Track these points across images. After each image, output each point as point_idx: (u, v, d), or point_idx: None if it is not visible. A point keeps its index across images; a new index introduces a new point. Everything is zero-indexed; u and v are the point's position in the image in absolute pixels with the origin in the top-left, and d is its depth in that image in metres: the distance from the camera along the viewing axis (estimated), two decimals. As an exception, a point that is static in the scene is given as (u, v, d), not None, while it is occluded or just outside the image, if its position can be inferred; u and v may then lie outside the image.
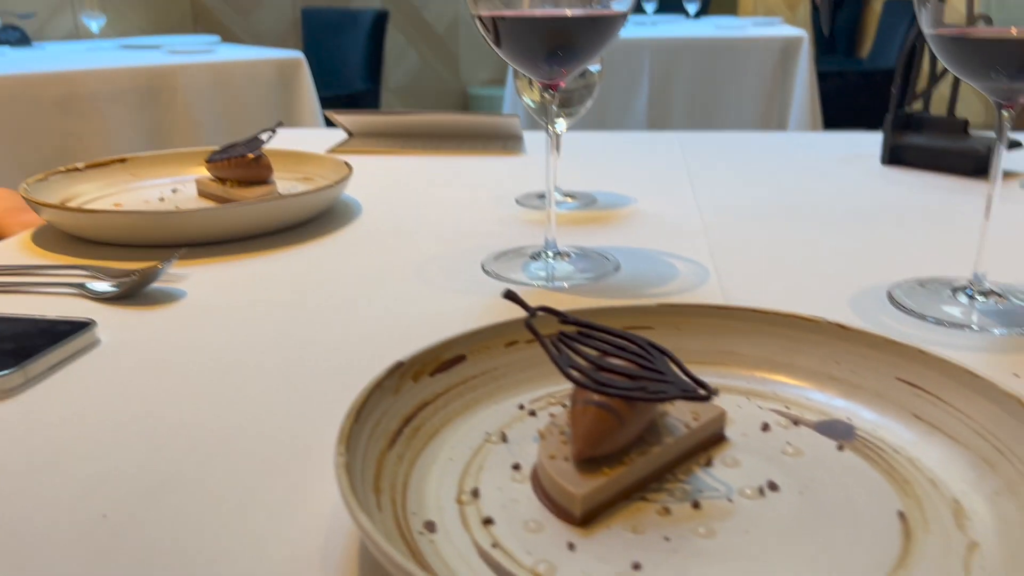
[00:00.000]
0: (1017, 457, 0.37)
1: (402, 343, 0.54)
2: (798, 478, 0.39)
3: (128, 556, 0.36)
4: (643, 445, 0.38)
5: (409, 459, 0.39)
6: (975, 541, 0.34)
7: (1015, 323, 0.57)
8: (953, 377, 0.41)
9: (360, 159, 1.14)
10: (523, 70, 0.65)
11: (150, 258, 0.73)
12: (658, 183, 0.99)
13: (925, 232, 0.79)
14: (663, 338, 0.49)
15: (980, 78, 0.55)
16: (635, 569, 0.33)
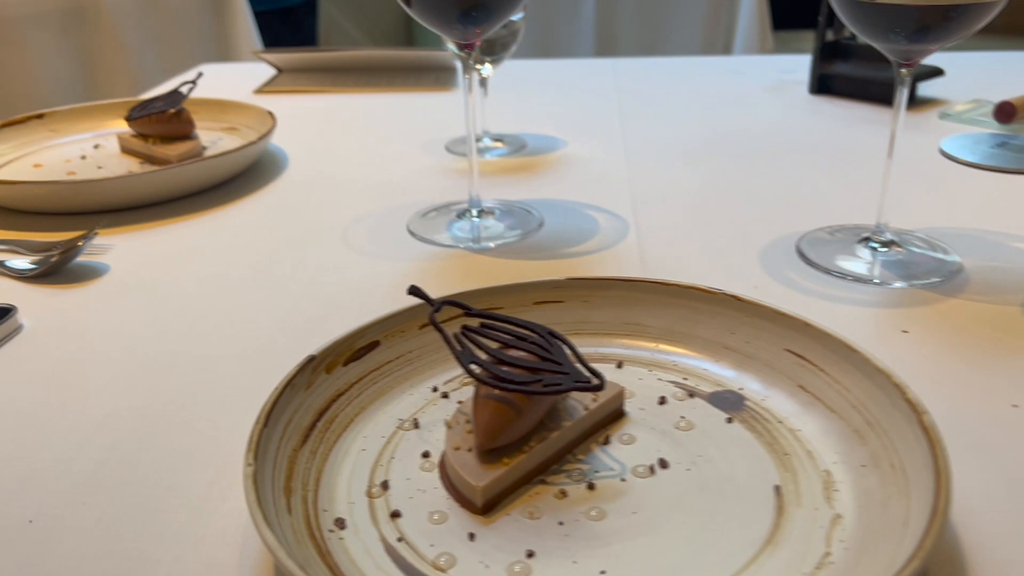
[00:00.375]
0: (883, 430, 0.40)
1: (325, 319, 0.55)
2: (687, 453, 0.42)
3: (55, 562, 0.38)
4: (543, 431, 0.41)
5: (322, 454, 0.41)
6: (839, 514, 0.37)
7: (913, 275, 0.60)
8: (834, 350, 0.44)
9: (288, 100, 1.13)
10: (436, 30, 0.64)
11: (71, 225, 0.73)
12: (589, 121, 1.00)
13: (843, 172, 0.81)
14: (573, 311, 0.51)
15: (880, 40, 0.56)
16: (529, 557, 0.36)
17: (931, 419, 0.37)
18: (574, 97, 1.11)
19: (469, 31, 0.64)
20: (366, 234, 0.70)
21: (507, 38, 0.86)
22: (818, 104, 1.03)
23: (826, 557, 0.35)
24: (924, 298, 0.57)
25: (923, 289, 0.58)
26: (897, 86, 0.59)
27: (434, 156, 0.90)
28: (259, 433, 0.38)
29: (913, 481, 0.36)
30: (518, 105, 1.07)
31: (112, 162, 0.87)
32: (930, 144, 0.87)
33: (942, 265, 0.61)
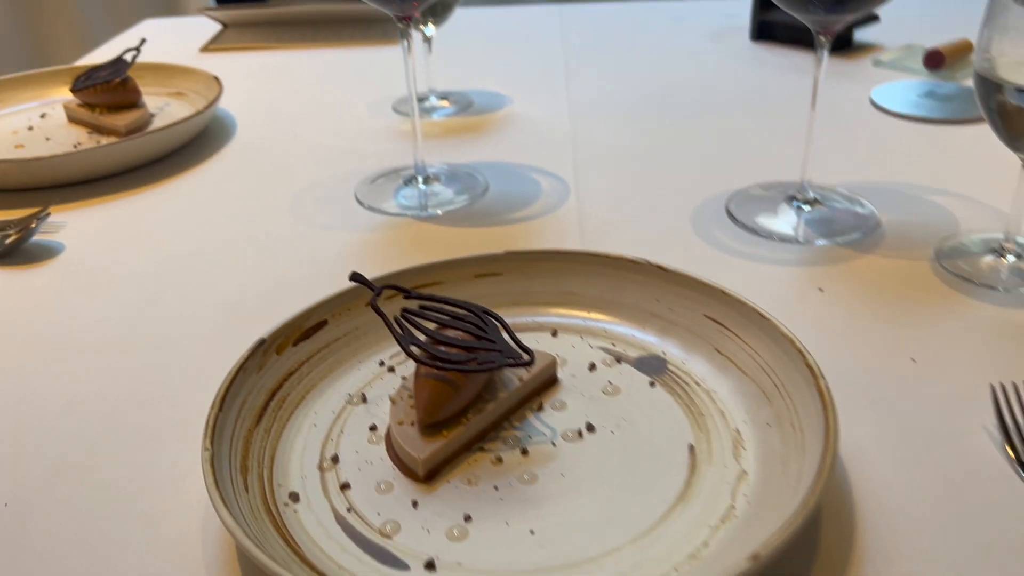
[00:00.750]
0: (787, 392, 0.44)
1: (276, 294, 0.58)
2: (612, 417, 0.45)
3: (31, 542, 0.41)
4: (480, 403, 0.44)
5: (276, 432, 0.45)
6: (744, 470, 0.42)
7: (834, 232, 0.64)
8: (747, 316, 0.48)
9: (234, 58, 1.12)
10: (375, 3, 0.66)
11: (21, 201, 0.74)
12: (535, 75, 1.01)
13: (778, 125, 0.84)
14: (511, 283, 0.54)
15: (799, 10, 0.59)
16: (466, 521, 0.40)
17: (826, 383, 0.41)
18: (521, 49, 1.12)
19: (407, 5, 0.65)
20: (314, 204, 0.72)
21: (449, 1, 0.87)
22: (758, 52, 1.06)
23: (731, 510, 0.39)
24: (842, 255, 0.61)
25: (842, 246, 0.62)
26: (817, 49, 0.62)
27: (382, 117, 0.91)
28: (215, 418, 0.41)
29: (808, 440, 0.40)
30: (464, 59, 1.08)
31: (60, 132, 0.88)
32: (862, 93, 0.90)
33: (862, 221, 0.65)
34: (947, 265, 0.59)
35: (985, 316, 0.54)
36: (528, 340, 0.51)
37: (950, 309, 0.55)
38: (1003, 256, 0.59)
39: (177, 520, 0.41)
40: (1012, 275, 0.58)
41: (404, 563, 0.38)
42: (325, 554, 0.38)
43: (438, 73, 0.97)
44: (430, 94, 0.94)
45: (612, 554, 0.38)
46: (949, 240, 0.62)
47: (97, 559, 0.40)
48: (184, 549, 0.40)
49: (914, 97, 0.87)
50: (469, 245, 0.65)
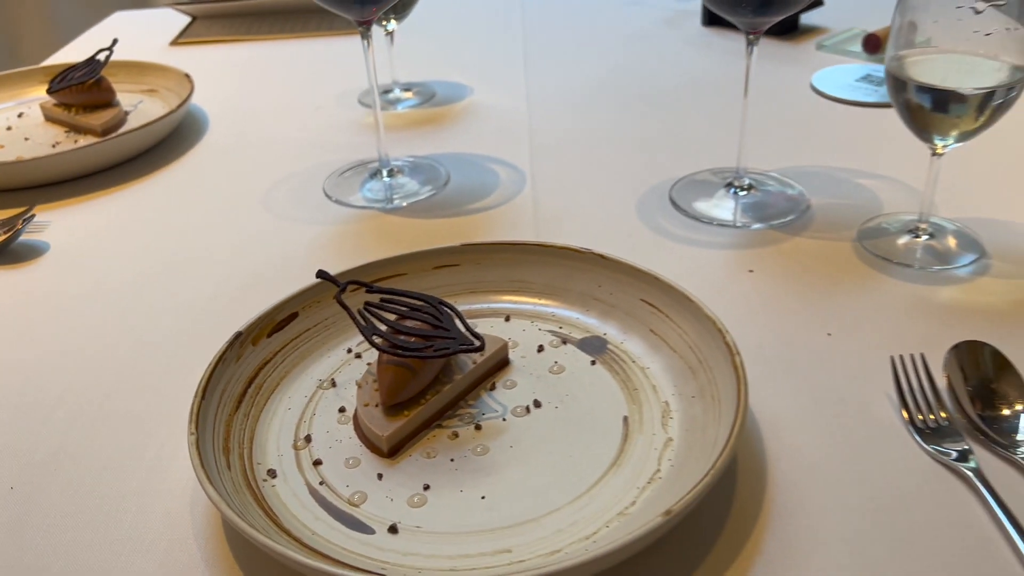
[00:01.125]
0: (709, 367, 0.49)
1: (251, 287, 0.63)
2: (557, 393, 0.51)
3: (37, 520, 0.46)
4: (438, 384, 0.49)
5: (254, 415, 0.50)
6: (671, 437, 0.47)
7: (767, 216, 0.69)
8: (677, 299, 0.53)
9: (205, 52, 1.16)
10: (335, 9, 0.69)
11: (6, 201, 0.78)
12: (495, 63, 1.05)
13: (725, 111, 0.89)
14: (468, 272, 0.59)
15: (728, 12, 0.63)
16: (425, 489, 0.45)
17: (740, 359, 0.47)
18: (483, 37, 1.16)
19: (366, 9, 0.69)
20: (285, 198, 0.77)
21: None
22: (709, 37, 1.10)
23: (656, 474, 0.45)
24: (773, 238, 0.67)
25: (774, 229, 0.68)
26: (747, 46, 0.67)
27: (349, 109, 0.95)
28: (198, 405, 0.46)
29: (724, 410, 0.46)
30: (429, 48, 1.12)
31: (37, 132, 0.91)
32: (804, 77, 0.95)
33: (793, 205, 0.70)
34: (868, 245, 0.64)
35: (899, 293, 0.59)
36: (483, 325, 0.56)
37: (866, 287, 0.60)
38: (918, 236, 0.64)
39: (167, 497, 0.46)
40: (926, 254, 0.63)
41: (370, 528, 0.43)
42: (300, 522, 0.43)
43: (403, 63, 1.01)
44: (394, 86, 0.98)
45: (552, 514, 0.43)
46: (871, 221, 0.67)
47: (95, 533, 0.45)
48: (174, 522, 0.45)
49: (852, 81, 0.92)
50: (431, 236, 0.70)
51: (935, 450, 0.46)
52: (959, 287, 0.59)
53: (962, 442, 0.46)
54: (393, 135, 0.88)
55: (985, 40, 0.54)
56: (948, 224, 0.66)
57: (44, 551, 0.44)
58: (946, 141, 0.58)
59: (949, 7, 0.54)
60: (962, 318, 0.56)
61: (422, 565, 0.41)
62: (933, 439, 0.47)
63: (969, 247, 0.63)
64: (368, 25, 0.71)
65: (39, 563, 0.43)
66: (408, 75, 1.01)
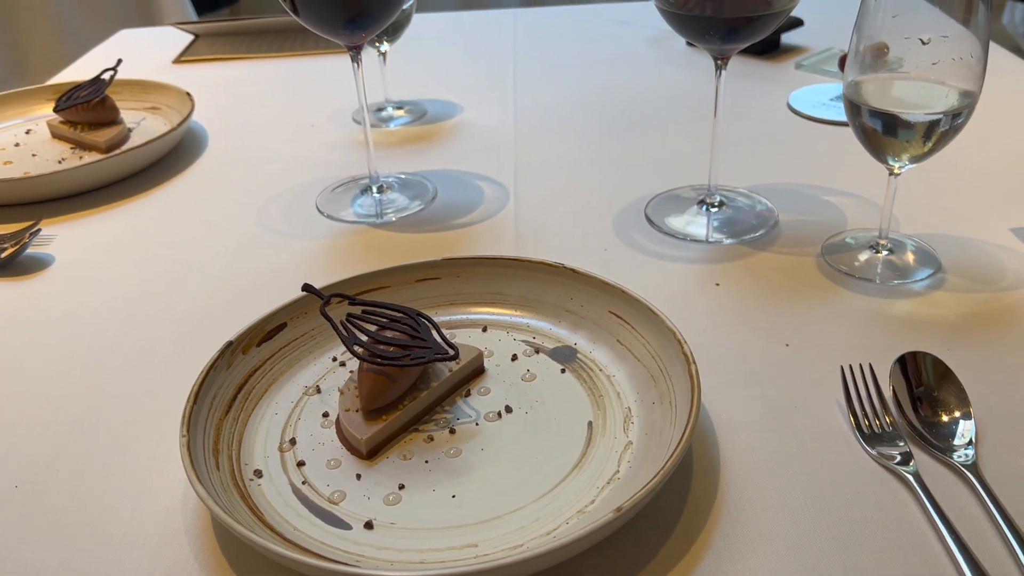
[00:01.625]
0: (669, 375, 0.52)
1: (244, 298, 0.66)
2: (528, 400, 0.54)
3: (39, 516, 0.49)
4: (415, 391, 0.53)
5: (243, 419, 0.53)
6: (631, 440, 0.50)
7: (736, 232, 0.72)
8: (641, 311, 0.56)
9: (206, 70, 1.20)
10: (325, 35, 0.73)
11: (14, 215, 0.81)
12: (484, 82, 1.09)
13: (704, 130, 0.93)
14: (448, 285, 0.62)
15: (696, 39, 0.67)
16: (400, 489, 0.48)
17: (696, 368, 0.50)
18: (474, 55, 1.20)
19: (355, 35, 0.73)
20: (278, 213, 0.80)
21: (402, 20, 0.94)
22: (692, 57, 1.14)
23: (615, 475, 0.48)
24: (741, 252, 0.70)
25: (743, 244, 0.71)
26: (717, 71, 0.70)
27: (342, 127, 0.99)
28: (189, 410, 0.49)
29: (679, 415, 0.49)
30: (421, 65, 1.16)
31: (45, 148, 0.95)
32: (782, 96, 0.99)
33: (762, 221, 0.74)
34: (830, 260, 0.68)
35: (857, 306, 0.63)
36: (461, 335, 0.60)
37: (827, 300, 0.64)
38: (879, 252, 0.68)
39: (160, 495, 0.50)
40: (885, 269, 0.66)
41: (348, 524, 0.46)
42: (283, 519, 0.47)
43: (396, 81, 1.05)
44: (387, 104, 1.02)
45: (517, 512, 0.46)
46: (835, 237, 0.71)
47: (94, 528, 0.48)
48: (167, 519, 0.48)
49: (826, 100, 0.96)
50: (417, 250, 0.73)
51: (878, 453, 0.49)
52: (914, 300, 0.63)
53: (904, 446, 0.49)
54: (385, 152, 0.92)
55: (934, 68, 0.58)
56: (907, 240, 0.69)
57: (44, 545, 0.47)
58: (900, 163, 0.61)
59: (899, 36, 0.57)
60: (914, 330, 0.60)
61: (394, 558, 0.44)
62: (876, 443, 0.50)
63: (926, 262, 0.67)
64: (358, 49, 0.75)
65: (39, 556, 0.47)
66: (400, 93, 1.05)
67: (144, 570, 0.45)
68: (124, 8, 2.22)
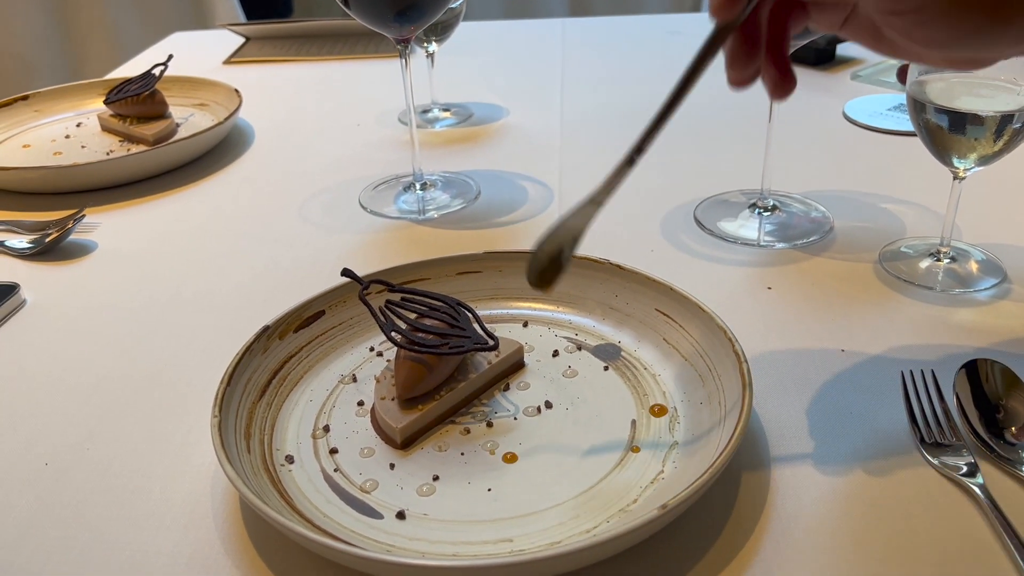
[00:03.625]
0: (718, 375, 0.50)
1: (283, 288, 0.65)
2: (569, 396, 0.52)
3: (68, 495, 0.48)
4: (453, 382, 0.51)
5: (276, 405, 0.52)
6: (676, 441, 0.48)
7: (789, 236, 0.70)
8: (689, 309, 0.54)
9: (255, 70, 1.20)
10: (373, 28, 0.73)
11: (61, 203, 0.82)
12: (532, 89, 1.08)
13: (752, 137, 0.90)
14: (489, 279, 0.61)
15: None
16: (435, 480, 0.47)
17: (747, 367, 0.48)
18: (522, 62, 1.19)
19: (404, 28, 0.72)
20: (321, 208, 0.80)
21: (450, 20, 0.94)
22: (745, 66, 1.11)
23: (659, 475, 0.46)
24: (794, 257, 0.67)
25: (796, 249, 0.68)
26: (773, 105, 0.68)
27: (388, 127, 0.98)
28: (223, 391, 0.48)
29: (729, 416, 0.46)
30: (469, 71, 1.15)
31: (94, 140, 0.96)
32: (837, 106, 0.96)
33: (816, 226, 0.71)
34: (888, 267, 0.65)
35: (916, 313, 0.60)
36: (501, 330, 0.58)
37: (884, 307, 0.61)
38: (940, 259, 0.65)
39: (190, 480, 0.49)
40: (947, 277, 0.63)
41: (379, 513, 0.45)
42: (313, 505, 0.45)
43: (443, 85, 1.04)
44: (433, 106, 1.01)
45: (555, 508, 0.44)
46: (893, 244, 0.68)
47: (121, 509, 0.47)
48: (195, 503, 0.47)
49: (884, 110, 0.93)
50: (458, 245, 0.72)
51: (940, 464, 0.46)
52: (977, 309, 0.60)
53: (969, 457, 0.46)
54: (429, 152, 0.91)
55: (1005, 66, 0.55)
56: (970, 248, 0.66)
57: (72, 524, 0.46)
58: (966, 164, 0.59)
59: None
60: (978, 338, 0.56)
61: (426, 550, 0.42)
62: (939, 453, 0.47)
63: (991, 271, 0.63)
64: (406, 43, 0.74)
65: (67, 535, 0.46)
66: (447, 96, 1.04)
67: (169, 553, 0.44)
68: (179, 17, 2.26)
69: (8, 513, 0.47)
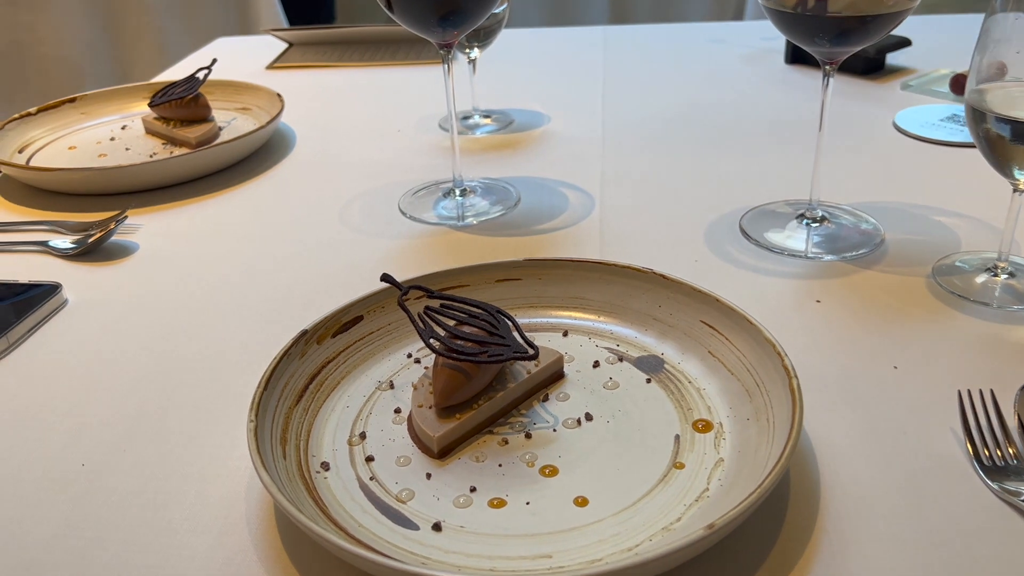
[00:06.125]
0: (766, 390, 0.48)
1: (321, 293, 0.65)
2: (610, 408, 0.51)
3: (103, 496, 0.48)
4: (491, 391, 0.50)
5: (313, 410, 0.51)
6: (722, 458, 0.46)
7: (838, 248, 0.68)
8: (737, 322, 0.52)
9: (298, 75, 1.21)
10: (418, 32, 0.72)
11: (104, 204, 0.82)
12: (573, 95, 1.07)
13: (802, 146, 0.88)
14: (528, 287, 0.60)
15: (806, 42, 0.63)
16: (472, 491, 0.45)
17: (798, 383, 0.46)
18: (563, 69, 1.18)
19: (448, 33, 0.71)
20: (361, 213, 0.79)
21: (493, 26, 0.93)
22: (791, 75, 1.10)
23: (704, 492, 0.44)
24: (843, 270, 0.65)
25: (844, 261, 0.66)
26: (823, 77, 0.66)
27: (428, 133, 0.98)
28: (260, 396, 0.48)
29: (777, 432, 0.45)
30: (510, 78, 1.14)
31: (138, 143, 0.97)
32: (887, 116, 0.94)
33: (866, 239, 0.69)
34: (942, 281, 0.63)
35: (972, 330, 0.58)
36: (540, 339, 0.57)
37: (938, 322, 0.58)
38: (997, 275, 0.62)
39: (225, 484, 0.48)
40: (1004, 293, 0.61)
41: (415, 524, 0.44)
42: (348, 514, 0.44)
43: (484, 92, 1.03)
44: (474, 112, 1.01)
45: (595, 524, 0.43)
46: (947, 258, 0.65)
47: (156, 511, 0.46)
48: (230, 508, 0.46)
49: (936, 121, 0.90)
50: (497, 252, 0.71)
51: (1001, 489, 0.44)
52: (1038, 328, 0.57)
53: (1031, 482, 0.44)
54: (469, 158, 0.90)
55: (1071, 74, 0.53)
56: (1030, 264, 0.63)
57: (105, 525, 0.46)
58: (1028, 176, 0.56)
59: None
60: (1039, 359, 0.54)
61: (462, 563, 0.41)
62: (1000, 477, 0.45)
63: (1052, 288, 0.61)
64: (449, 48, 0.73)
65: (99, 536, 0.45)
66: (488, 102, 1.04)
67: (203, 558, 0.43)
68: (224, 23, 2.29)
69: (43, 513, 0.47)
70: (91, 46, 2.35)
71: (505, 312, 0.51)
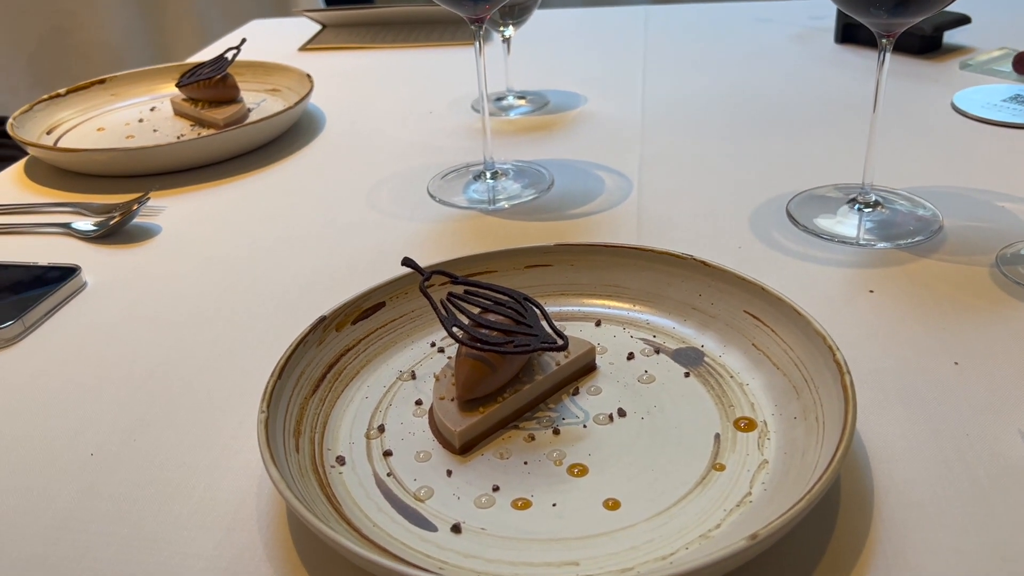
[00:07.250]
0: (815, 386, 0.45)
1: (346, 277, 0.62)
2: (645, 404, 0.47)
3: (111, 487, 0.46)
4: (517, 383, 0.47)
5: (330, 401, 0.48)
6: (766, 460, 0.43)
7: (892, 235, 0.63)
8: (784, 312, 0.49)
9: (330, 57, 1.18)
10: (449, 7, 0.69)
11: (130, 186, 0.81)
12: (612, 75, 1.03)
13: (855, 128, 0.83)
14: (560, 274, 0.57)
15: (860, 13, 0.59)
16: (494, 490, 0.42)
17: (851, 379, 0.42)
18: (602, 49, 1.14)
19: (479, 6, 0.68)
20: (389, 195, 0.77)
21: (527, 3, 0.90)
22: (842, 54, 1.04)
23: (746, 497, 0.41)
24: (899, 258, 0.61)
25: (900, 250, 0.62)
26: (880, 52, 0.62)
27: (460, 115, 0.95)
28: (273, 385, 0.45)
29: (828, 433, 0.41)
30: (546, 58, 1.11)
31: (166, 124, 0.95)
32: (945, 96, 0.88)
33: (923, 225, 0.64)
34: (1007, 271, 0.58)
35: (1041, 324, 0.53)
36: (572, 329, 0.54)
37: (1003, 315, 0.54)
38: (1068, 264, 0.58)
39: (236, 477, 0.46)
40: (1076, 284, 0.56)
41: (433, 525, 0.41)
42: (363, 512, 0.42)
43: (519, 72, 1.00)
44: (508, 93, 0.97)
45: (627, 529, 0.40)
46: (1012, 246, 0.61)
47: (164, 505, 0.44)
48: (240, 503, 0.44)
49: (998, 101, 0.85)
50: (528, 237, 0.67)
51: (1077, 499, 0.40)
52: (1115, 322, 0.53)
53: (1111, 493, 0.40)
54: (502, 140, 0.87)
55: None
56: (1105, 253, 0.59)
57: (113, 518, 0.44)
58: (1107, 157, 0.52)
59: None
60: (1117, 356, 0.50)
61: (482, 569, 0.38)
62: (1075, 487, 0.41)
63: None
64: (480, 23, 0.70)
65: (106, 529, 0.43)
66: (522, 83, 1.00)
67: (209, 555, 0.41)
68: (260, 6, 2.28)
69: (49, 504, 0.45)
70: (130, 31, 2.36)
71: (533, 299, 0.48)
